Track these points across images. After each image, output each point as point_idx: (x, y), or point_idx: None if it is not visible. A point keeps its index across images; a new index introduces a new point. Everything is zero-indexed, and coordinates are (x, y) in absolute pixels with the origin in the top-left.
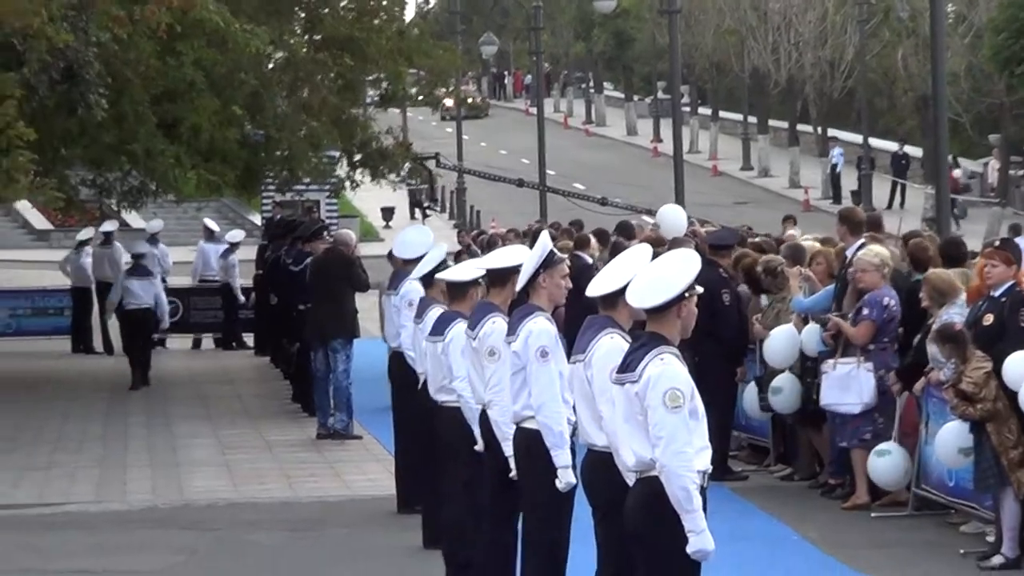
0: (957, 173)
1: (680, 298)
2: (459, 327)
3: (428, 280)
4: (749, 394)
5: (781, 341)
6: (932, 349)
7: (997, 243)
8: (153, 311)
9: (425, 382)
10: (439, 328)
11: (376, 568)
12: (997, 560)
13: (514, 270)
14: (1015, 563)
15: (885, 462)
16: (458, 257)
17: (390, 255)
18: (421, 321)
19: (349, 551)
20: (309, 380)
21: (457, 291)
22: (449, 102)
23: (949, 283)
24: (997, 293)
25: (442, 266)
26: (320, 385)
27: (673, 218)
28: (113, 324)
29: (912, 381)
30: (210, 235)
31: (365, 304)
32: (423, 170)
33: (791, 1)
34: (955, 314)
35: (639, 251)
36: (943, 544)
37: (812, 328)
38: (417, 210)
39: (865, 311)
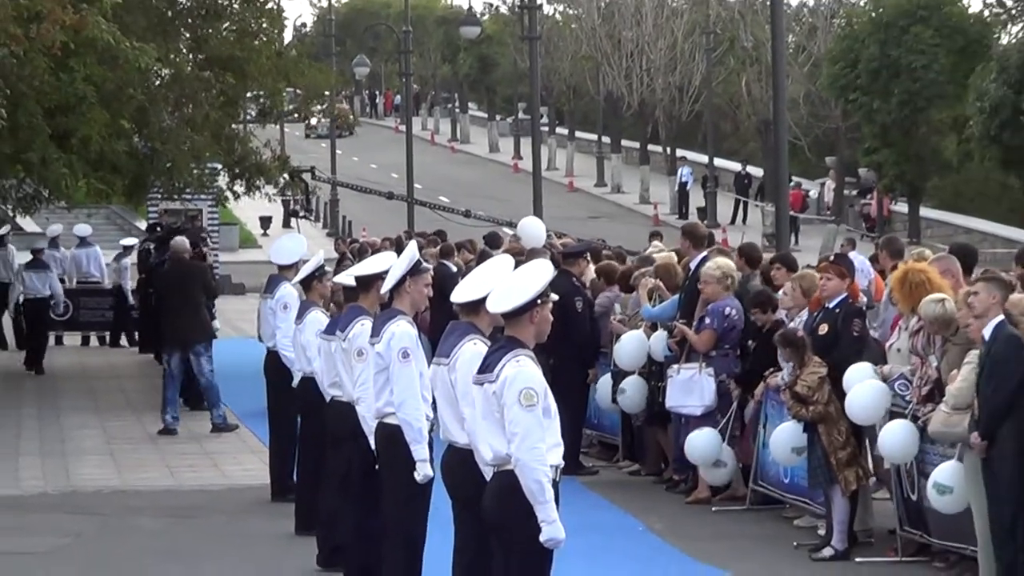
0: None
1: (533, 304)
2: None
3: (307, 284)
4: (603, 387)
5: (630, 345)
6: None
7: (831, 258)
8: (47, 300)
9: (302, 379)
10: (332, 328)
11: (252, 552)
12: (827, 552)
13: (379, 276)
14: (844, 554)
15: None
16: (339, 264)
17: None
18: (301, 322)
19: (227, 536)
20: (190, 376)
21: (344, 297)
22: (313, 120)
23: (810, 285)
24: (831, 304)
25: (319, 271)
26: (172, 384)
27: (533, 230)
28: (7, 321)
29: (752, 386)
30: (82, 241)
31: (243, 307)
32: (300, 182)
33: (643, 30)
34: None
35: (500, 261)
36: (778, 537)
37: (659, 335)
38: (292, 219)
39: (707, 320)
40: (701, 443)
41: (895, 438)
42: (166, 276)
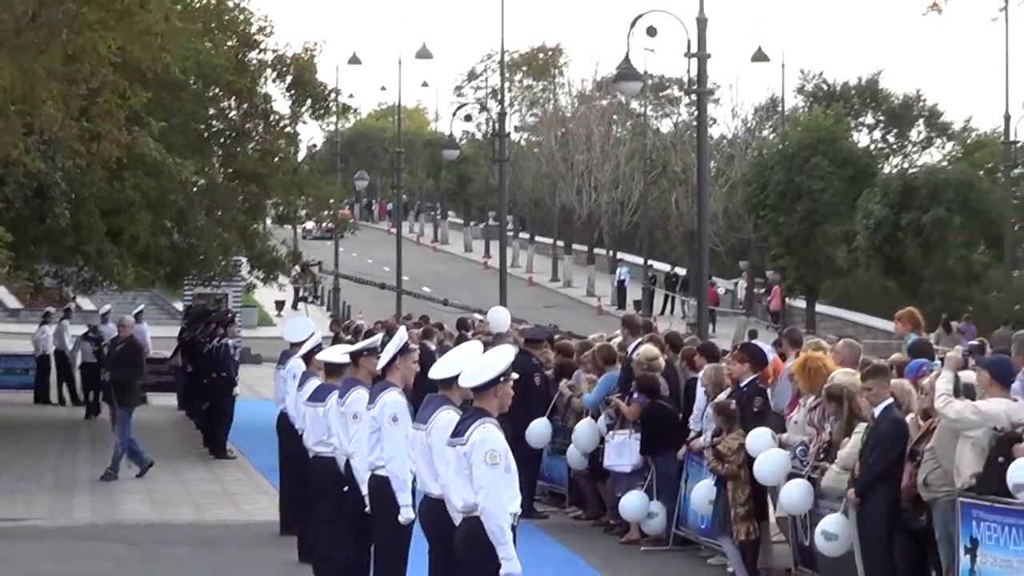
0: (720, 289)
1: (496, 381)
2: (333, 398)
3: (307, 358)
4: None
5: (585, 430)
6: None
7: (739, 346)
8: (98, 366)
9: (303, 435)
10: (319, 396)
11: (263, 573)
12: None
13: (372, 351)
14: None
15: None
16: (334, 342)
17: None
18: (301, 389)
19: (243, 562)
20: (218, 429)
21: (333, 369)
22: (310, 225)
23: (719, 377)
24: (741, 385)
25: (317, 349)
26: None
27: (500, 317)
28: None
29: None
30: (136, 319)
31: (260, 374)
32: (309, 273)
33: (592, 155)
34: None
35: (470, 346)
36: (695, 572)
37: (592, 425)
38: (300, 303)
39: (635, 395)
40: (632, 504)
41: (793, 495)
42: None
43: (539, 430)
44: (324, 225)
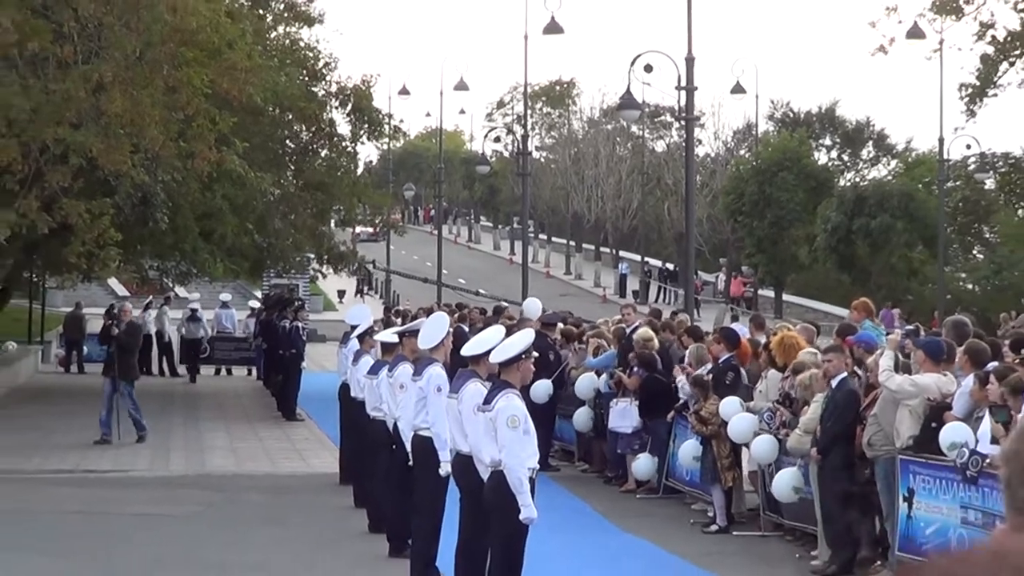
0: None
1: (519, 358)
2: (383, 371)
3: (361, 339)
4: (540, 389)
5: (585, 382)
6: (686, 388)
7: (718, 329)
8: (200, 341)
9: (362, 402)
10: (374, 370)
11: (324, 516)
12: (713, 528)
13: (414, 333)
14: (725, 529)
15: (643, 465)
16: (386, 325)
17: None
18: (356, 364)
19: (308, 507)
20: (289, 396)
21: (386, 348)
22: (360, 229)
23: (701, 354)
24: (720, 361)
25: (370, 330)
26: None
27: (534, 306)
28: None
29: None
30: (224, 304)
31: (324, 351)
32: (365, 269)
33: (599, 170)
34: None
35: (495, 330)
36: (681, 516)
37: (602, 378)
38: (359, 293)
39: (635, 369)
40: (643, 466)
41: (762, 448)
42: (127, 332)
43: (540, 388)
44: (375, 229)
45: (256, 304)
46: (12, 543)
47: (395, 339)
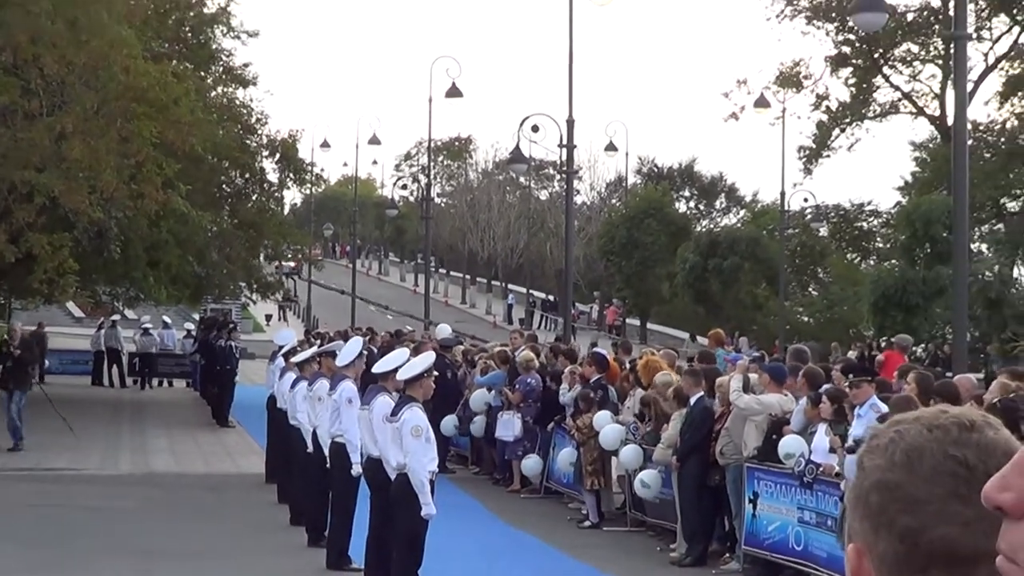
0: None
1: (422, 376)
2: (303, 386)
3: (286, 357)
4: (447, 424)
5: (477, 396)
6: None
7: (589, 354)
8: (151, 355)
9: (286, 412)
10: (295, 384)
11: (252, 510)
12: (587, 524)
13: (330, 353)
14: (597, 525)
15: (531, 465)
16: (302, 344)
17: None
18: (281, 379)
19: (238, 502)
20: (223, 406)
21: (303, 366)
22: (291, 263)
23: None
24: (591, 381)
25: (292, 351)
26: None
27: (444, 329)
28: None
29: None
30: (165, 325)
31: (254, 366)
32: (291, 299)
33: (491, 214)
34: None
35: (400, 351)
36: (559, 514)
37: (485, 393)
38: (282, 318)
39: (519, 386)
40: (530, 465)
41: (628, 455)
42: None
43: (448, 423)
44: (296, 263)
45: (191, 326)
46: None
47: (310, 357)
